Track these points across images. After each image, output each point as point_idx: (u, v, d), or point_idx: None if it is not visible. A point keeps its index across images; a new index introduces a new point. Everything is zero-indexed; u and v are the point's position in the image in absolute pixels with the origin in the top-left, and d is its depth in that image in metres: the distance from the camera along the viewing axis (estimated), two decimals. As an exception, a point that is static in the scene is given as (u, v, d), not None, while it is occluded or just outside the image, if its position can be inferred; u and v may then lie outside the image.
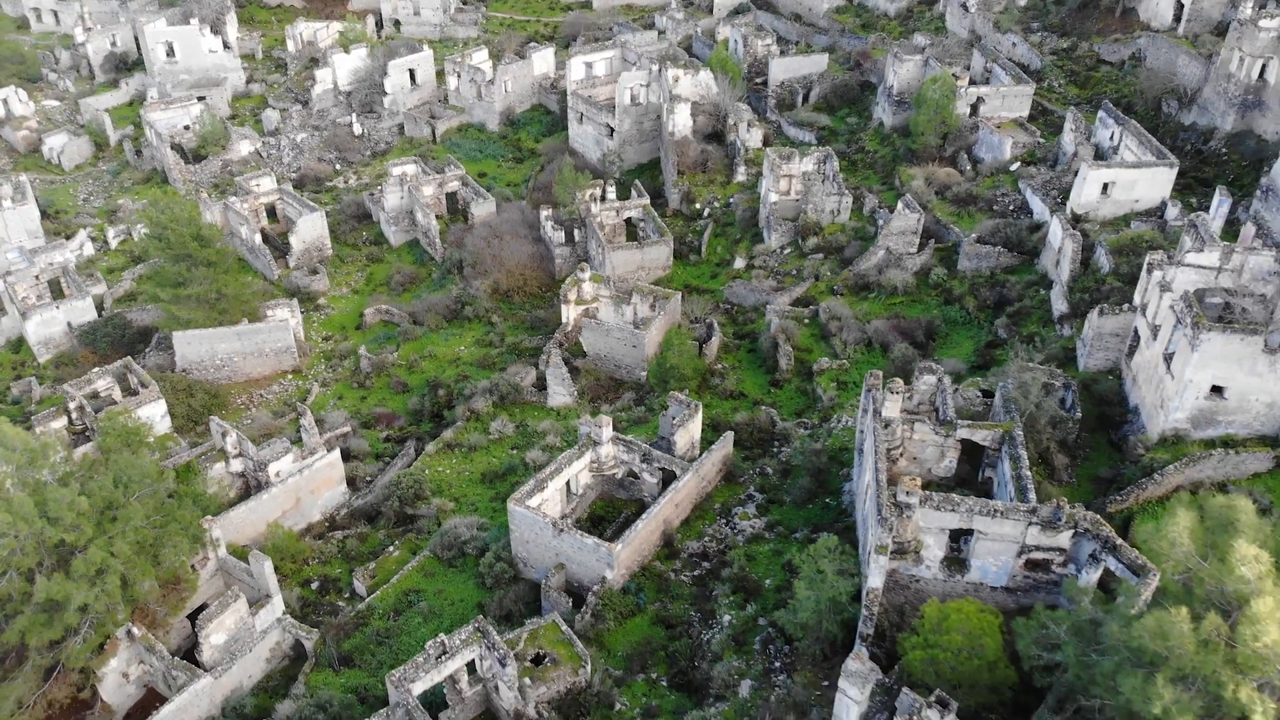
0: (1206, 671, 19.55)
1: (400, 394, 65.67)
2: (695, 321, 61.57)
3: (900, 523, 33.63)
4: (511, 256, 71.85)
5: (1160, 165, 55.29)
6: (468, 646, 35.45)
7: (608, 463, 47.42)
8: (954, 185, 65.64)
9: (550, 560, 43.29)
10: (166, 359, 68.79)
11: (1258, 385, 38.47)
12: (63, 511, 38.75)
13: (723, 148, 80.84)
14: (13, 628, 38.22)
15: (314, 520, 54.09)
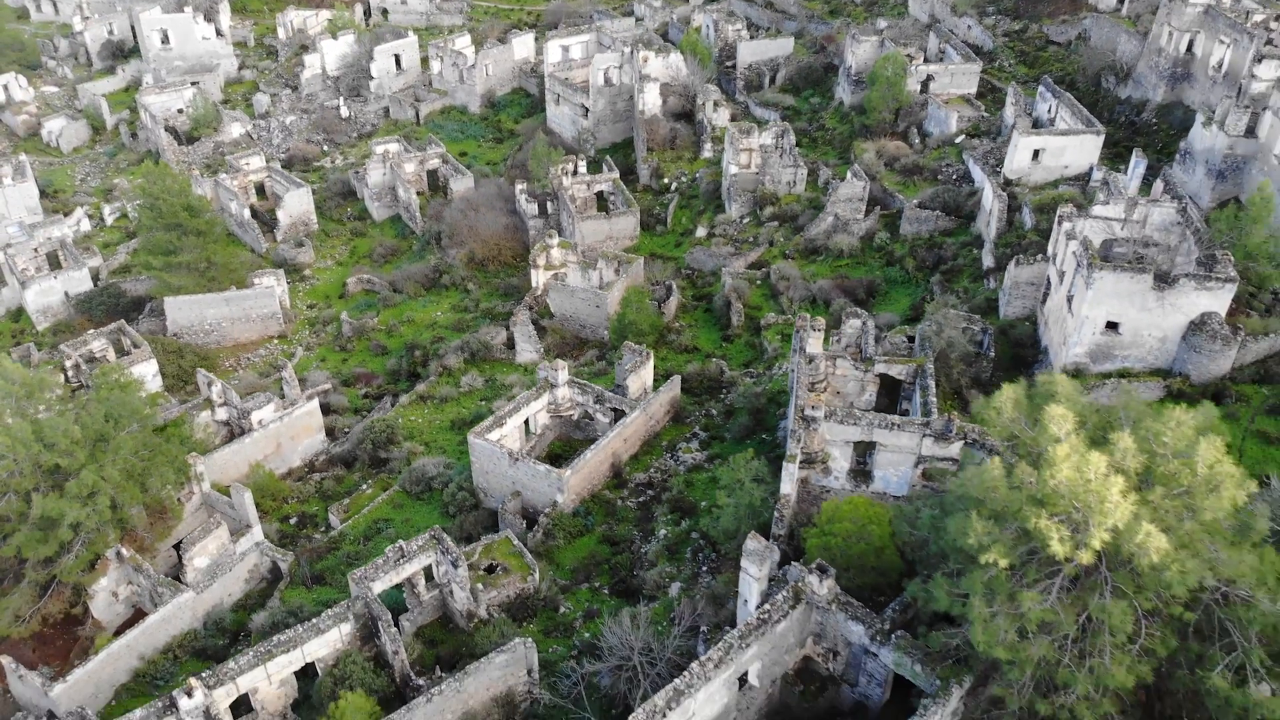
0: (1014, 509, 23.21)
1: (379, 356, 69.34)
2: (656, 284, 65.25)
3: (807, 435, 37.34)
4: (487, 228, 75.54)
5: (1088, 133, 58.93)
6: (424, 552, 39.14)
7: (564, 404, 51.14)
8: (902, 157, 69.33)
9: (507, 488, 47.02)
10: (158, 325, 72.52)
11: (1148, 321, 42.10)
12: (58, 438, 42.48)
13: (691, 126, 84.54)
14: (10, 543, 41.90)
15: (294, 465, 57.75)
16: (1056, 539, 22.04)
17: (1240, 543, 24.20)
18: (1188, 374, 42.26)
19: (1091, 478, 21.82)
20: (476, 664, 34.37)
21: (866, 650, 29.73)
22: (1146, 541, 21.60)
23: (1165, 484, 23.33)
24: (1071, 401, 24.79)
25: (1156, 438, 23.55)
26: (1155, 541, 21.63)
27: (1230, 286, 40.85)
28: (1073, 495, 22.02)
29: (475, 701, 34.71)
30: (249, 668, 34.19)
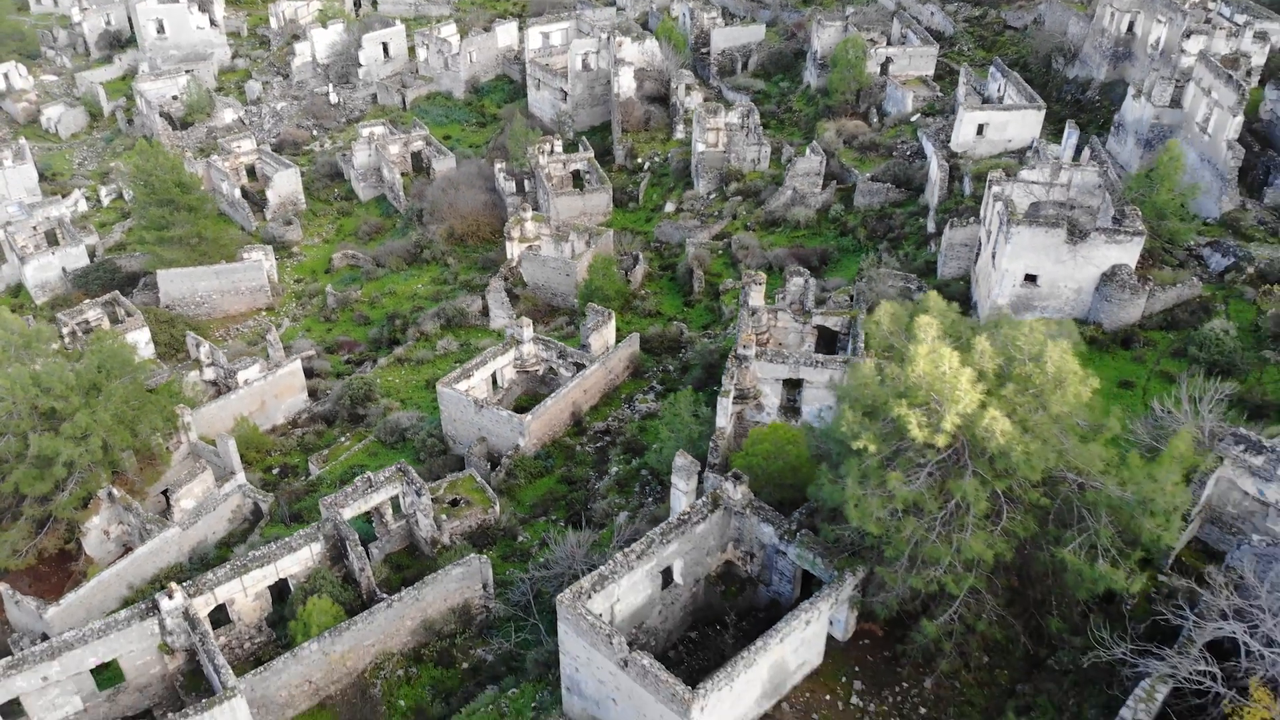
0: (882, 401, 26.51)
1: (362, 326, 72.69)
2: (624, 255, 68.60)
3: (740, 372, 40.70)
4: (466, 205, 78.90)
5: (1029, 108, 62.27)
6: (390, 484, 42.47)
7: (530, 360, 54.49)
8: (861, 135, 72.67)
9: (473, 435, 50.38)
10: (151, 298, 75.84)
11: (1064, 273, 45.44)
12: (53, 383, 45.86)
13: (666, 109, 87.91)
14: (9, 480, 45.29)
15: (278, 423, 61.08)
16: (915, 425, 25.35)
17: (1092, 438, 27.55)
18: (1100, 322, 45.58)
19: (945, 371, 25.14)
20: (434, 575, 37.75)
21: (777, 550, 33.02)
22: (992, 425, 24.91)
23: (1019, 383, 26.66)
24: (940, 314, 28.11)
25: (1012, 342, 26.88)
26: (1000, 425, 24.94)
27: (1138, 240, 44.18)
28: (929, 386, 25.35)
29: (434, 610, 38.06)
30: (226, 579, 37.51)
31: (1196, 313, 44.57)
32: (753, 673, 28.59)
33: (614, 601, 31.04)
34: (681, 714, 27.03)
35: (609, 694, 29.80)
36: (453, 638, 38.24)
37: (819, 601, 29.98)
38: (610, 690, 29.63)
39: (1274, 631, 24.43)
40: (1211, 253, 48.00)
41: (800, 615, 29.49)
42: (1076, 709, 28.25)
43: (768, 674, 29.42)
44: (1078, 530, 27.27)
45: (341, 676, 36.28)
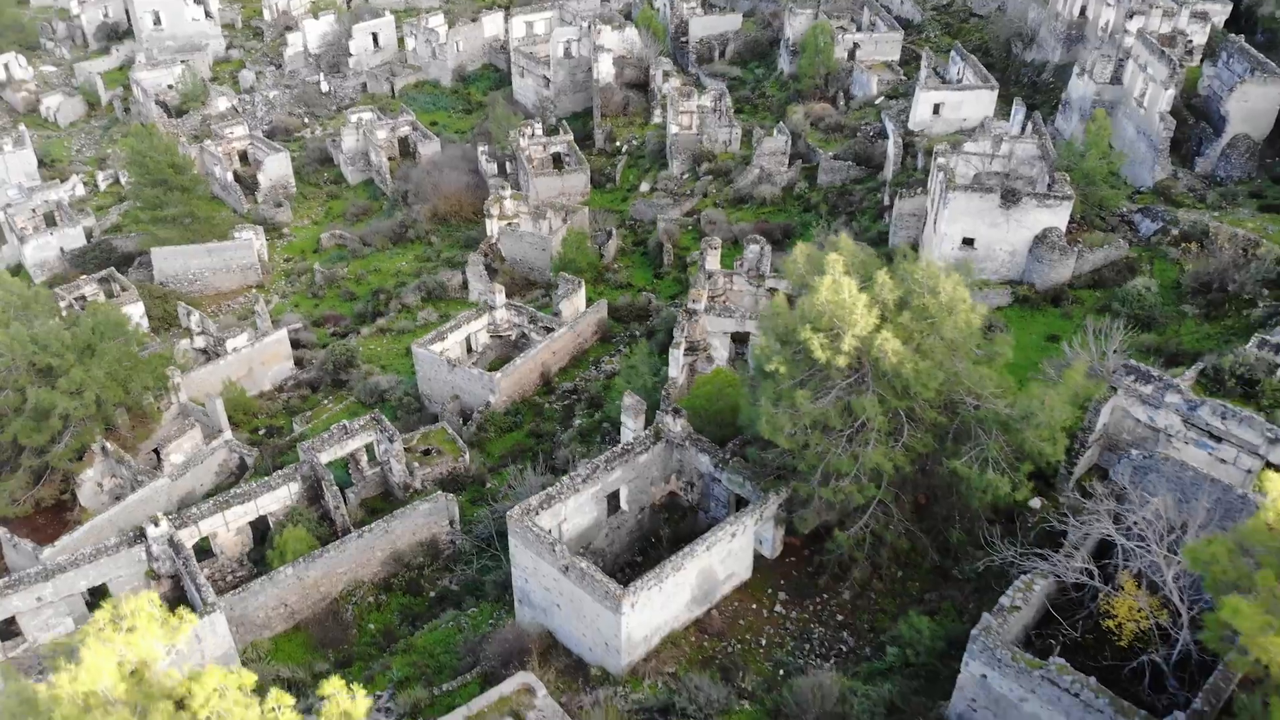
0: (792, 328, 29.43)
1: (348, 301, 75.60)
2: (598, 231, 71.52)
3: (690, 326, 43.63)
4: (450, 186, 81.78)
5: (982, 88, 65.17)
6: (365, 431, 45.40)
7: (503, 325, 57.41)
8: (827, 117, 75.56)
9: (447, 393, 53.29)
10: (146, 275, 78.69)
11: (998, 236, 48.37)
12: (50, 340, 48.77)
13: (645, 95, 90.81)
14: (8, 431, 48.23)
15: (265, 389, 63.91)
16: (818, 347, 28.24)
17: (984, 363, 30.49)
18: (1033, 282, 48.51)
19: (845, 298, 28.03)
20: (403, 510, 40.70)
21: (713, 478, 35.95)
22: (884, 345, 27.80)
23: (916, 311, 29.56)
24: (849, 254, 31.05)
25: (910, 275, 29.80)
26: (891, 345, 27.81)
27: (1067, 204, 47.11)
28: (831, 313, 28.25)
29: (403, 543, 40.96)
30: (209, 514, 40.48)
31: (1122, 272, 47.47)
32: (681, 577, 31.50)
33: (561, 520, 33.94)
34: (613, 610, 29.96)
35: (554, 600, 32.72)
36: (421, 569, 41.12)
37: (744, 517, 32.92)
38: (555, 597, 32.54)
39: (1143, 530, 27.29)
40: (1142, 218, 50.89)
41: (726, 528, 32.44)
42: (975, 611, 31.08)
43: (696, 581, 32.32)
44: (972, 446, 30.17)
45: (316, 601, 39.17)
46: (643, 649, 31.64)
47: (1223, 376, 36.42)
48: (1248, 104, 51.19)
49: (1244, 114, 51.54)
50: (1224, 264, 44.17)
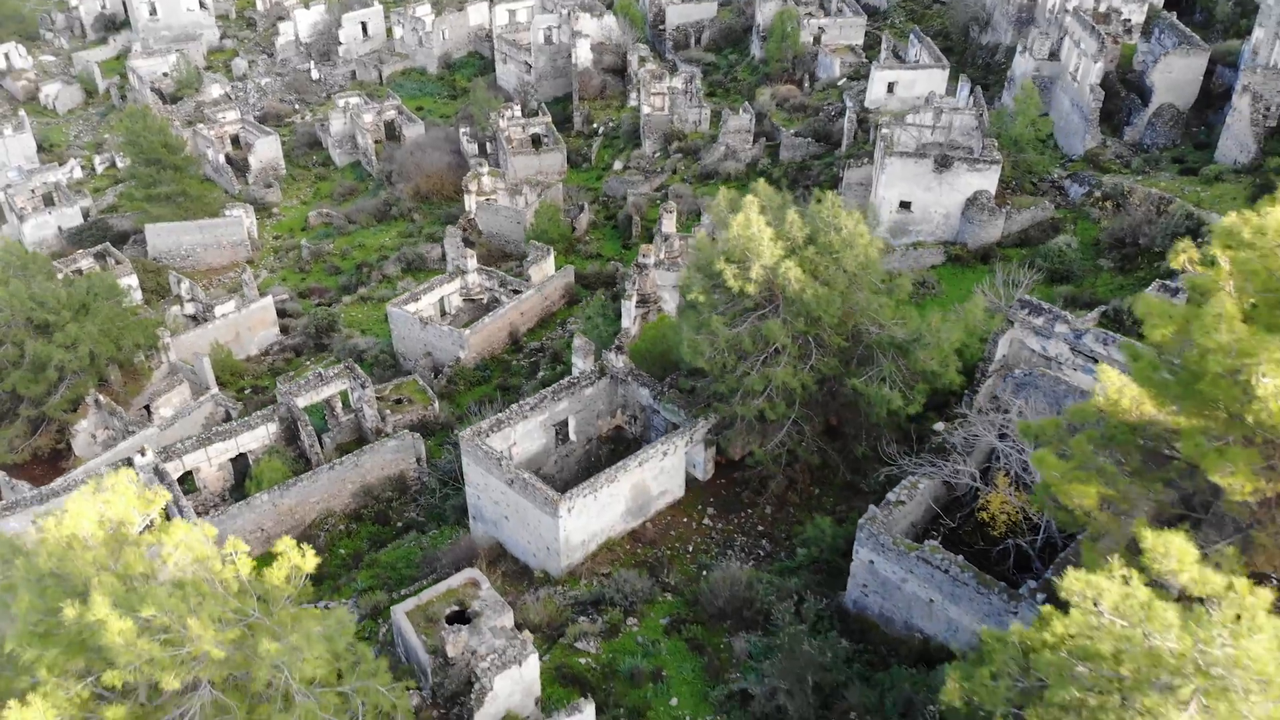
0: (711, 260, 32.79)
1: (333, 275, 78.92)
2: (570, 205, 74.90)
3: (642, 279, 46.97)
4: (432, 165, 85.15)
5: (935, 67, 68.49)
6: (339, 379, 48.75)
7: (474, 289, 60.77)
8: (793, 98, 78.95)
9: (420, 350, 56.66)
10: (140, 252, 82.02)
11: (933, 199, 51.70)
12: (47, 298, 52.20)
13: (622, 80, 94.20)
14: (7, 381, 51.63)
15: (251, 354, 67.32)
16: (731, 276, 31.62)
17: (883, 293, 33.88)
18: (965, 242, 51.84)
19: (755, 233, 31.40)
20: (372, 445, 44.07)
21: (653, 409, 39.29)
22: (787, 273, 31.16)
23: (821, 247, 32.91)
24: (766, 196, 34.44)
25: (817, 214, 33.17)
26: (793, 273, 31.16)
27: (995, 168, 50.45)
28: (743, 246, 31.62)
29: (372, 477, 44.32)
30: (192, 449, 43.84)
31: (1048, 231, 50.81)
32: (615, 489, 34.85)
33: (511, 444, 37.30)
34: (552, 515, 33.34)
35: (503, 513, 36.10)
36: (389, 502, 44.46)
37: (674, 438, 36.28)
38: (503, 510, 35.92)
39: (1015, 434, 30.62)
40: (1072, 183, 54.22)
41: (658, 446, 35.81)
42: (880, 519, 34.42)
43: (630, 494, 35.67)
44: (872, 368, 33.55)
45: (290, 527, 42.48)
46: (581, 553, 34.99)
47: (1122, 317, 39.86)
48: (1172, 75, 54.48)
49: (1168, 84, 54.83)
50: (1138, 221, 47.50)
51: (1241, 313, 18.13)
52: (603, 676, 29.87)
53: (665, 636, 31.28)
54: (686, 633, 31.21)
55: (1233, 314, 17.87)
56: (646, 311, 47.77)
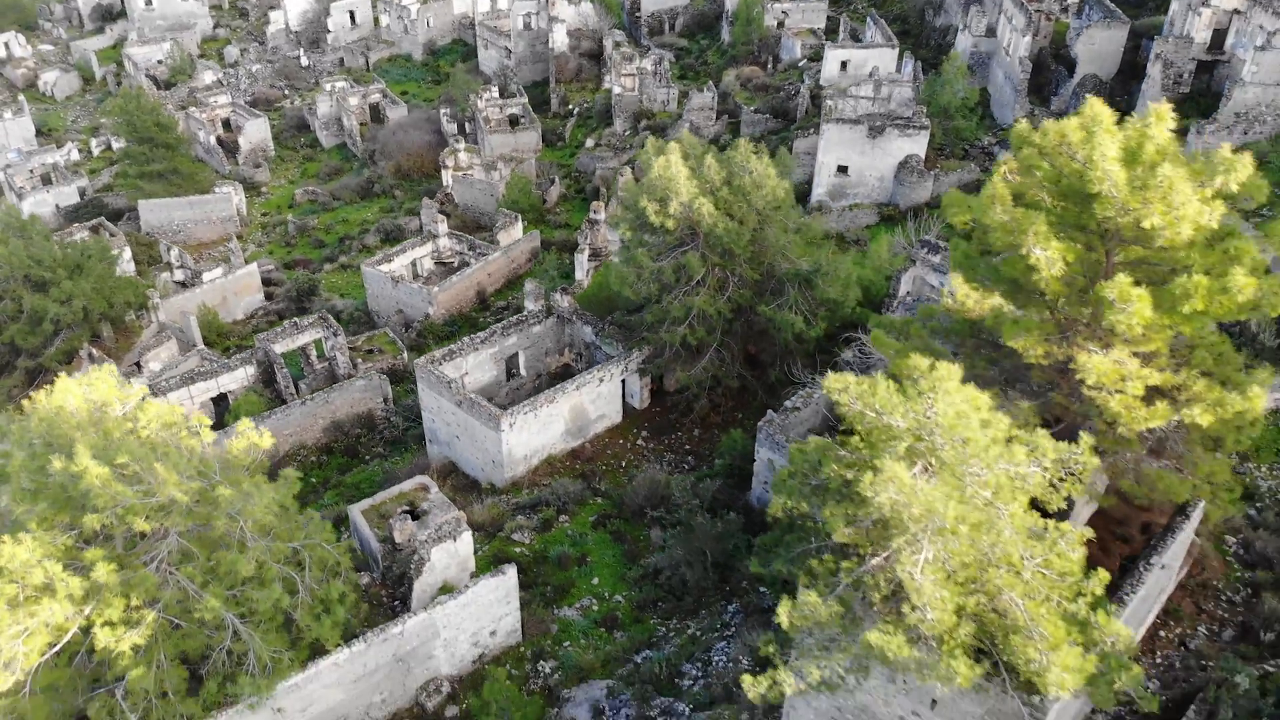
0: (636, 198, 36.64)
1: (318, 248, 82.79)
2: (541, 179, 78.72)
3: (592, 233, 50.78)
4: (413, 144, 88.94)
5: (885, 47, 72.23)
6: (313, 328, 52.56)
7: (445, 252, 64.57)
8: (756, 79, 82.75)
9: (392, 308, 60.49)
10: (134, 228, 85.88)
11: (868, 163, 55.48)
12: (44, 256, 56.05)
13: (598, 64, 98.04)
14: (5, 334, 55.47)
15: (237, 318, 71.15)
16: (651, 212, 35.46)
17: (793, 232, 37.68)
18: (898, 204, 55.64)
19: (674, 173, 35.21)
20: (341, 384, 47.88)
21: (596, 346, 43.10)
22: (701, 209, 34.97)
23: (735, 189, 36.72)
24: (689, 145, 38.28)
25: (731, 159, 36.99)
26: (706, 208, 34.98)
27: (924, 133, 54.23)
28: (664, 185, 35.46)
29: (342, 413, 48.11)
30: (176, 388, 47.64)
31: (973, 191, 54.51)
32: (554, 409, 38.67)
33: (462, 373, 41.12)
34: (495, 429, 37.16)
35: (454, 434, 39.93)
36: (358, 437, 48.25)
37: (609, 365, 40.12)
38: (455, 430, 39.75)
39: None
40: (1000, 149, 58.00)
41: (594, 373, 39.64)
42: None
43: (569, 415, 39.48)
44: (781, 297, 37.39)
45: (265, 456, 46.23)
46: (523, 467, 38.83)
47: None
48: (1094, 46, 58.21)
49: (1091, 55, 58.56)
50: (1052, 181, 51.27)
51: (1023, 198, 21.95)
52: (534, 561, 33.72)
53: (592, 530, 35.15)
54: (611, 526, 35.08)
55: (1004, 195, 21.66)
56: (598, 265, 51.57)
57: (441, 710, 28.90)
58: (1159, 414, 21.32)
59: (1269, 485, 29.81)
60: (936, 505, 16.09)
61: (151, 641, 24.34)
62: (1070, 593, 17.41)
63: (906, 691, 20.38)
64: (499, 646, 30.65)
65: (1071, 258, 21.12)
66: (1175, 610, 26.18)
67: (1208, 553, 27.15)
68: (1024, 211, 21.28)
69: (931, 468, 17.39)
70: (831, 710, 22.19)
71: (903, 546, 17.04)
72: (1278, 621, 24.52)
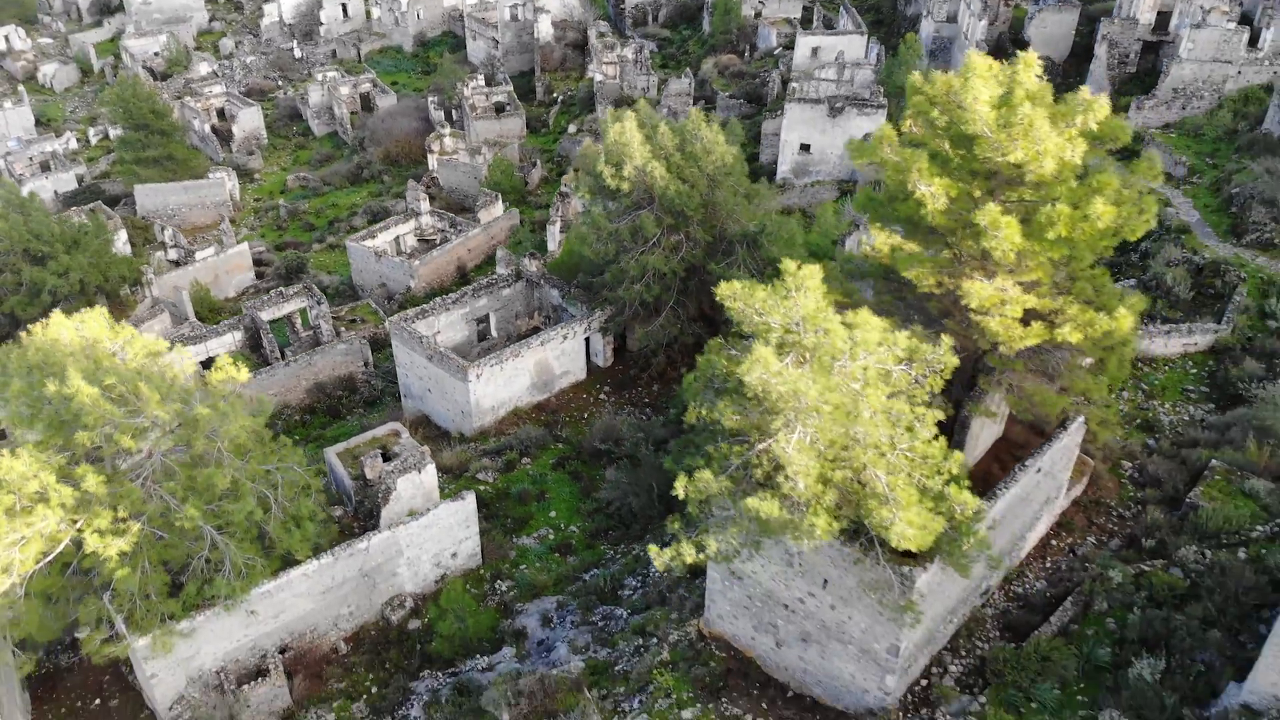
0: (594, 162, 39.22)
1: (308, 231, 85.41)
2: (524, 162, 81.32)
3: (564, 206, 53.35)
4: (402, 131, 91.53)
5: (854, 33, 74.75)
6: (298, 297, 55.13)
7: (428, 230, 67.15)
8: (733, 67, 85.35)
9: (375, 281, 63.06)
10: (130, 212, 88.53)
11: (829, 141, 58.06)
12: (43, 230, 58.64)
13: (582, 54, 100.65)
14: (6, 304, 58.07)
15: (229, 295, 73.75)
16: (608, 174, 38.05)
17: (742, 195, 40.28)
18: (857, 180, 58.18)
19: (627, 138, 37.80)
20: (323, 346, 50.45)
21: (562, 307, 45.68)
22: (654, 171, 37.56)
23: (687, 154, 39.29)
24: (646, 115, 40.85)
25: (684, 128, 39.57)
26: (659, 171, 37.57)
27: (881, 111, 56.77)
28: (619, 150, 38.05)
29: (324, 375, 50.67)
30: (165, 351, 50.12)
31: (929, 168, 57.09)
32: (519, 363, 41.25)
33: (435, 331, 43.68)
34: (463, 380, 39.73)
35: (426, 387, 42.51)
36: (340, 398, 50.84)
37: (572, 324, 42.70)
38: (427, 384, 42.33)
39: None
40: (958, 129, 60.46)
41: (558, 330, 42.21)
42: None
43: (535, 370, 42.06)
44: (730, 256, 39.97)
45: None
46: (491, 417, 41.42)
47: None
48: (1046, 29, 60.84)
49: (1043, 38, 61.19)
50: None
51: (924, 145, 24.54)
52: (496, 497, 36.34)
53: (552, 471, 37.77)
54: (569, 467, 37.70)
55: (891, 135, 24.24)
56: (568, 236, 54.11)
57: (405, 624, 31.49)
58: (1034, 333, 23.92)
59: (1169, 420, 32.35)
60: (801, 386, 18.63)
61: (136, 549, 26.91)
62: (930, 471, 19.95)
63: (802, 574, 22.94)
64: (460, 568, 33.23)
65: (954, 193, 23.71)
66: (1068, 523, 28.72)
67: (1101, 474, 29.72)
68: (910, 151, 23.86)
69: (803, 358, 19.94)
70: (743, 599, 24.73)
71: (780, 428, 19.58)
72: (1158, 530, 27.01)
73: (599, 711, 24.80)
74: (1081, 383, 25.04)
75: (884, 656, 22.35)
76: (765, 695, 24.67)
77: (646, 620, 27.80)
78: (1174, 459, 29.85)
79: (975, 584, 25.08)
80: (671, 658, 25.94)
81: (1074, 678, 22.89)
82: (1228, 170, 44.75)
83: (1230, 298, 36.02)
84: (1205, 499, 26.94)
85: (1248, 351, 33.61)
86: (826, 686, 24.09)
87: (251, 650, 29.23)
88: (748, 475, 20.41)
